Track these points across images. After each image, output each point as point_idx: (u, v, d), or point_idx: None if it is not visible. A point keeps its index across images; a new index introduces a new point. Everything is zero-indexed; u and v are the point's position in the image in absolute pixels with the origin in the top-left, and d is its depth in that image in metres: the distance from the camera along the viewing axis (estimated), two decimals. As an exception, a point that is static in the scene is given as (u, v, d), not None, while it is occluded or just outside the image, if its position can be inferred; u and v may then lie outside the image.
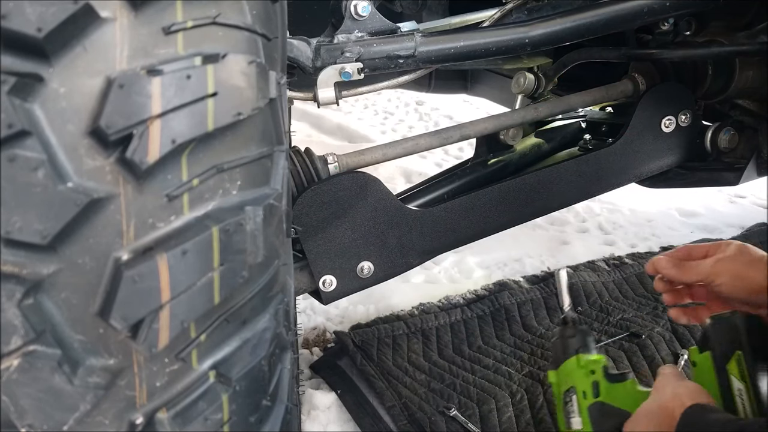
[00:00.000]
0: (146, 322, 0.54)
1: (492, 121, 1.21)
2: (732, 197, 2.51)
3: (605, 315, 1.58)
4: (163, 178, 0.53)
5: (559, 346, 1.06)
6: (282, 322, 0.69)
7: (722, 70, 1.30)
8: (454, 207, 1.15)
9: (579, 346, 1.03)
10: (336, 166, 1.06)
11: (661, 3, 1.09)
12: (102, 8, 0.49)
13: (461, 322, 1.56)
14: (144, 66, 0.51)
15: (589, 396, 0.99)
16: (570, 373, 1.03)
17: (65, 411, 0.53)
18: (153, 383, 0.56)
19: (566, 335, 1.06)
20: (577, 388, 1.01)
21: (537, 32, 1.05)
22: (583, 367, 1.01)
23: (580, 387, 1.00)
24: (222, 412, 0.62)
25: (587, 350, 1.03)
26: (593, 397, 0.98)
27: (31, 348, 0.51)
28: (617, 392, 0.98)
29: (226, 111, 0.56)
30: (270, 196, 0.63)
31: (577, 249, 1.99)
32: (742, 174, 1.33)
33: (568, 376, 1.03)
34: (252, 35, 0.58)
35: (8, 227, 0.48)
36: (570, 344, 1.04)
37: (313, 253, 1.03)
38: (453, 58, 1.03)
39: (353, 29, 0.97)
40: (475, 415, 1.27)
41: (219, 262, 0.58)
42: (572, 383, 1.02)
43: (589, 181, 1.27)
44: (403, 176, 2.61)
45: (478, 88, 2.00)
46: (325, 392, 1.35)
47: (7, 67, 0.47)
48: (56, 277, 0.51)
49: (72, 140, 0.50)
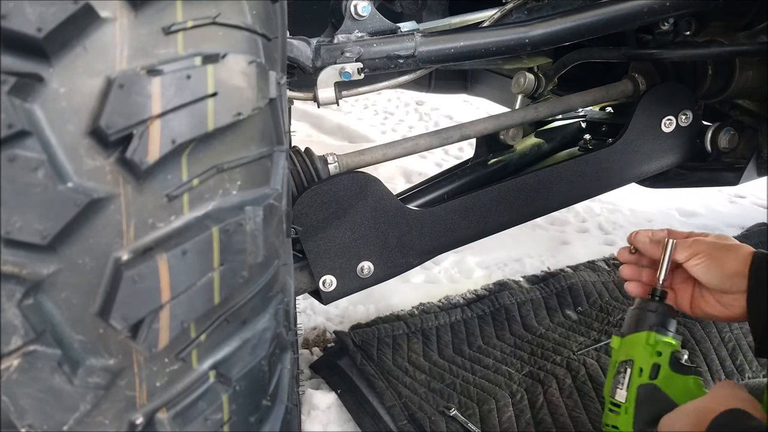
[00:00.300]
0: (146, 322, 0.54)
1: (492, 121, 1.21)
2: (732, 197, 2.51)
3: (605, 315, 1.58)
4: (163, 178, 0.53)
5: (633, 316, 1.02)
6: (282, 322, 0.69)
7: (722, 70, 1.30)
8: (454, 207, 1.15)
9: (654, 324, 0.99)
10: (336, 166, 1.06)
11: (661, 3, 1.09)
12: (102, 8, 0.49)
13: (461, 322, 1.56)
14: (144, 66, 0.51)
15: (645, 375, 0.97)
16: (634, 346, 1.00)
17: (65, 411, 0.53)
18: (153, 383, 0.56)
19: (646, 308, 1.01)
20: (635, 363, 0.98)
21: (537, 32, 1.05)
22: (651, 345, 0.98)
23: (638, 363, 0.98)
24: (222, 412, 0.62)
25: (664, 330, 0.99)
26: (648, 378, 0.96)
27: (31, 348, 0.51)
28: (676, 383, 0.95)
29: (226, 111, 0.56)
30: (270, 196, 0.63)
31: (577, 249, 1.99)
32: (742, 174, 1.33)
33: (631, 348, 1.00)
34: (252, 35, 0.58)
35: (8, 227, 0.48)
36: (646, 318, 1.00)
37: (313, 253, 1.03)
38: (453, 58, 1.03)
39: (353, 29, 0.97)
40: (475, 415, 1.27)
41: (219, 262, 0.58)
42: (633, 356, 0.99)
43: (589, 181, 1.27)
44: (403, 176, 2.61)
45: (478, 88, 2.00)
46: (325, 392, 1.35)
47: (7, 67, 0.47)
48: (56, 277, 0.51)
49: (72, 140, 0.50)
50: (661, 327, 0.99)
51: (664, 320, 1.00)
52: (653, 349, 0.98)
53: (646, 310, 1.01)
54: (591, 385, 1.33)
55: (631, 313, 1.03)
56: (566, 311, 1.61)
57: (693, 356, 1.40)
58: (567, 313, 1.60)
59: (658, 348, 0.97)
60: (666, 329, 0.99)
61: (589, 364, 1.38)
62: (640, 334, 1.00)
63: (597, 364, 1.38)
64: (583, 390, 1.31)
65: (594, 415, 1.25)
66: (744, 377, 1.37)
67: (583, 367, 1.37)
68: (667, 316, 1.00)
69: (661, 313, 1.00)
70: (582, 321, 1.57)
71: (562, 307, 1.63)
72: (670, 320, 1.00)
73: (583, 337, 1.49)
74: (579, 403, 1.28)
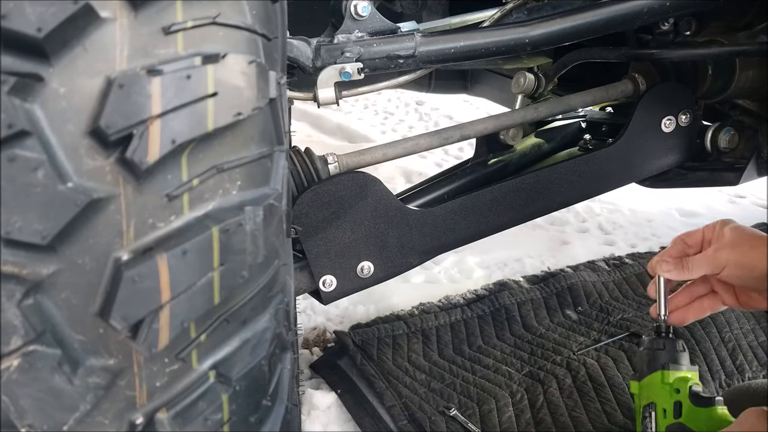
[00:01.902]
0: (146, 322, 0.54)
1: (492, 121, 1.21)
2: (732, 197, 2.51)
3: (605, 315, 1.58)
4: (163, 178, 0.53)
5: (644, 358, 1.01)
6: (282, 322, 0.69)
7: (722, 70, 1.30)
8: (454, 207, 1.14)
9: (666, 361, 0.98)
10: (336, 166, 1.06)
11: (661, 3, 1.09)
12: (102, 8, 0.49)
13: (461, 322, 1.56)
14: (144, 66, 0.51)
15: (669, 416, 0.96)
16: (652, 389, 0.99)
17: (65, 411, 0.53)
18: (153, 383, 0.56)
19: (654, 347, 1.00)
20: (657, 406, 0.97)
21: (537, 32, 1.05)
22: (668, 384, 0.97)
23: (661, 404, 0.97)
24: (222, 412, 0.62)
25: (676, 365, 0.98)
26: (674, 418, 0.95)
27: (31, 348, 0.51)
28: (700, 416, 0.94)
29: (226, 111, 0.56)
30: (270, 196, 0.63)
31: (577, 249, 1.99)
32: (742, 174, 1.33)
33: (650, 391, 0.99)
34: (252, 35, 0.58)
35: (8, 227, 0.48)
36: (657, 357, 0.99)
37: (313, 253, 1.03)
38: (453, 58, 1.03)
39: (353, 29, 0.97)
40: (475, 415, 1.27)
41: (219, 262, 0.58)
42: (654, 399, 0.98)
43: (589, 181, 1.27)
44: (403, 176, 2.61)
45: (478, 88, 2.00)
46: (325, 392, 1.35)
47: (7, 67, 0.47)
48: (56, 277, 0.51)
49: (72, 140, 0.50)
50: (673, 363, 0.98)
51: (674, 356, 0.99)
52: (671, 387, 0.97)
53: (654, 350, 1.00)
54: (591, 385, 1.33)
55: (641, 355, 1.02)
56: (566, 311, 1.61)
57: (693, 356, 1.40)
58: (567, 313, 1.60)
59: (675, 386, 0.97)
60: (679, 364, 0.98)
61: (589, 364, 1.38)
62: (655, 375, 0.99)
63: (597, 364, 1.38)
64: (583, 390, 1.31)
65: (594, 414, 1.25)
66: (744, 377, 1.37)
67: (583, 367, 1.37)
68: (676, 351, 0.99)
69: (670, 349, 0.99)
70: (582, 321, 1.57)
71: (562, 307, 1.63)
72: (681, 354, 0.99)
73: (583, 337, 1.49)
74: (579, 403, 1.28)
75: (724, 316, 1.53)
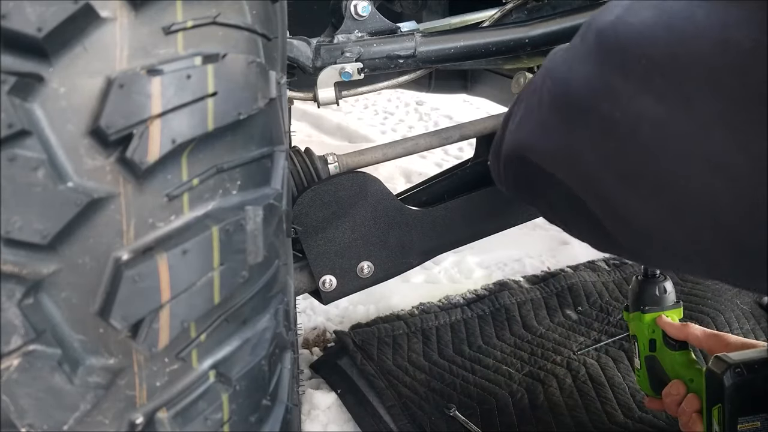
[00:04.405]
0: (146, 322, 0.54)
1: (492, 121, 1.21)
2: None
3: (605, 315, 1.59)
4: (163, 178, 0.53)
5: (631, 295, 1.14)
6: (282, 322, 0.69)
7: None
8: (454, 207, 1.14)
9: (647, 303, 1.10)
10: (336, 166, 1.06)
11: (661, 3, 1.09)
12: (102, 8, 0.49)
13: (461, 322, 1.56)
14: (144, 66, 0.51)
15: (646, 348, 1.10)
16: (635, 324, 1.13)
17: (65, 411, 0.53)
18: (153, 383, 0.56)
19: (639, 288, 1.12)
20: (638, 338, 1.12)
21: (537, 32, 1.05)
22: (646, 323, 1.10)
23: (641, 338, 1.12)
24: (222, 412, 0.62)
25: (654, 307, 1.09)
26: (649, 351, 1.10)
27: (31, 348, 0.51)
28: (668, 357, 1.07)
29: (226, 111, 0.56)
30: (270, 196, 0.63)
31: (577, 249, 1.99)
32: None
33: (633, 327, 1.14)
34: (252, 35, 0.58)
35: (8, 227, 0.48)
36: (640, 298, 1.11)
37: (313, 253, 1.03)
38: (453, 58, 1.03)
39: (353, 29, 0.97)
40: (475, 415, 1.27)
41: (219, 261, 0.58)
42: (635, 332, 1.13)
43: (589, 180, 1.27)
44: (403, 176, 2.61)
45: (478, 88, 2.00)
46: (325, 392, 1.35)
47: (7, 67, 0.47)
48: (56, 276, 0.51)
49: (72, 140, 0.50)
50: (653, 305, 1.10)
51: (656, 298, 1.09)
52: (648, 327, 1.10)
53: (638, 291, 1.11)
54: (591, 384, 1.33)
55: (630, 292, 1.14)
56: (566, 311, 1.61)
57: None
58: (567, 313, 1.61)
59: (651, 327, 1.10)
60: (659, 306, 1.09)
61: (590, 364, 1.38)
62: (635, 313, 1.12)
63: (597, 364, 1.38)
64: (584, 390, 1.31)
65: (594, 414, 1.25)
66: (744, 377, 1.37)
67: (584, 367, 1.38)
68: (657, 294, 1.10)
69: (652, 292, 1.10)
70: (582, 321, 1.57)
71: (562, 307, 1.63)
72: (662, 297, 1.09)
73: (584, 337, 1.49)
74: (579, 403, 1.28)
75: (724, 316, 1.53)
